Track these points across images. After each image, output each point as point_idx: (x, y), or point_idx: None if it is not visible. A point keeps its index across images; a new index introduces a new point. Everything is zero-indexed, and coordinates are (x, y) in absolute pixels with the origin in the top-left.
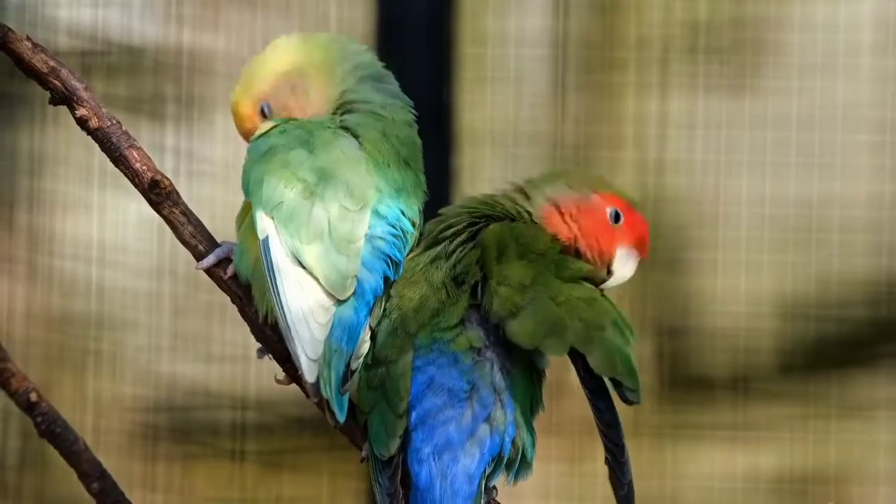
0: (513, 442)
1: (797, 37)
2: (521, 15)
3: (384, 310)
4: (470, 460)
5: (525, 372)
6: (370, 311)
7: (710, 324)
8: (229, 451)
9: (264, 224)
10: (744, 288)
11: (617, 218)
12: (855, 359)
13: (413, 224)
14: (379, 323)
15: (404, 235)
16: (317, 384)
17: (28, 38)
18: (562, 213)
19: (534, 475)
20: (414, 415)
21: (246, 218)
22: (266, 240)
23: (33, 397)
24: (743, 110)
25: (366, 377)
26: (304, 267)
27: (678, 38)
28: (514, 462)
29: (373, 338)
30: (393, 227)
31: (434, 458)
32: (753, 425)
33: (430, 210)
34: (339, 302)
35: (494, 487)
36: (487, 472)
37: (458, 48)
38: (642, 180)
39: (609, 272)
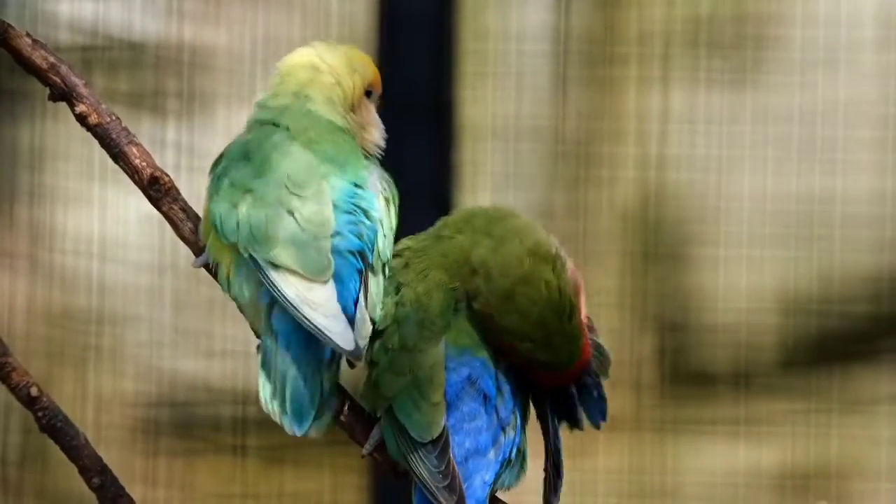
0: (519, 447)
1: (799, 32)
2: (523, 10)
3: (400, 298)
4: (488, 467)
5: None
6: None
7: (711, 319)
8: (231, 447)
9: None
10: (745, 283)
11: None
12: (856, 354)
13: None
14: (396, 310)
15: (365, 213)
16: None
17: (28, 35)
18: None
19: (536, 471)
20: (451, 418)
21: (209, 234)
22: (251, 261)
23: (34, 392)
24: (744, 105)
25: (388, 362)
26: (282, 267)
27: (679, 33)
28: (515, 466)
29: (393, 324)
30: (351, 213)
31: (462, 464)
32: (755, 421)
33: (431, 206)
34: (325, 282)
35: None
36: (498, 476)
37: (460, 44)
38: (643, 175)
39: None
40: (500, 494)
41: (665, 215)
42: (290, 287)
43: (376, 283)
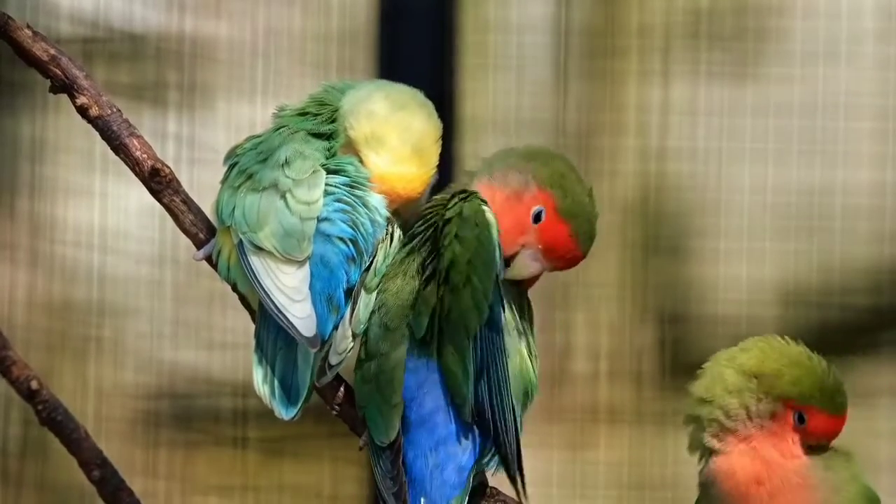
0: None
1: (799, 24)
2: (523, 2)
3: (372, 309)
4: (463, 454)
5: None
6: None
7: (711, 311)
8: (231, 439)
9: (232, 236)
10: (745, 275)
11: (538, 218)
12: (857, 346)
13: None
14: (370, 320)
15: (362, 202)
16: (316, 337)
17: (28, 26)
18: (493, 194)
19: (535, 462)
20: (413, 412)
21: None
22: (239, 245)
23: (34, 385)
24: (745, 98)
25: (360, 374)
26: (262, 249)
27: (680, 25)
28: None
29: (364, 335)
30: (344, 202)
31: (431, 452)
32: None
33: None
34: (301, 263)
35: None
36: (479, 464)
37: (461, 35)
38: (644, 168)
39: (508, 263)
40: (497, 486)
41: (665, 207)
42: (265, 269)
43: (367, 301)
